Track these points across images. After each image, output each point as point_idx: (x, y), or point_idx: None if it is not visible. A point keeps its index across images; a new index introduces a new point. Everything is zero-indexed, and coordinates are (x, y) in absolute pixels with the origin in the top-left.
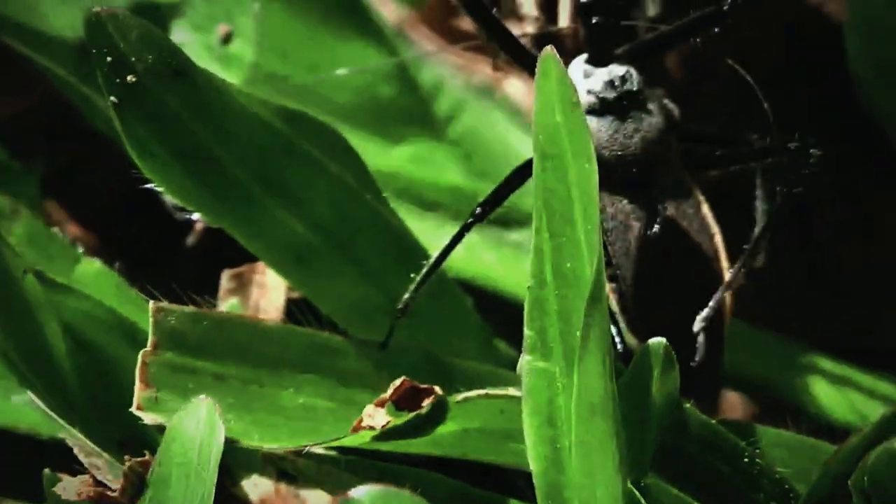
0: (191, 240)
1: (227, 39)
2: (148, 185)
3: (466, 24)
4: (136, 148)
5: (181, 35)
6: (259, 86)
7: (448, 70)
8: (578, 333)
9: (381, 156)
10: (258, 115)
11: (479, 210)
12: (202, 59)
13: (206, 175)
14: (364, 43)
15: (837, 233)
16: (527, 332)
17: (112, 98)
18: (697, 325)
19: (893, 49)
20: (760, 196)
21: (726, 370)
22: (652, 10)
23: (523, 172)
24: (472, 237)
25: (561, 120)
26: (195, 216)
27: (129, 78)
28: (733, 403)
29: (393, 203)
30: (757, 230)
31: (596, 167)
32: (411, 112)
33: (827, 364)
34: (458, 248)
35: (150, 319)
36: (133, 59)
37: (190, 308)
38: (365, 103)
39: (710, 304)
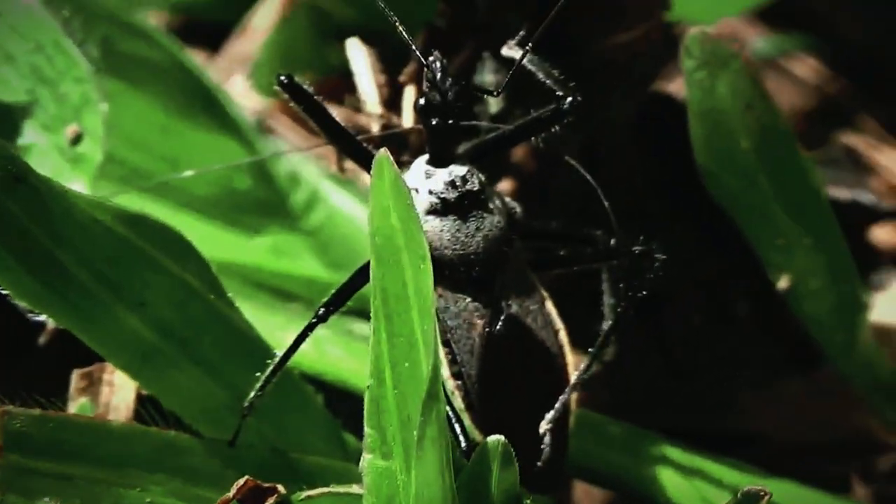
0: (43, 339)
1: (76, 140)
2: None
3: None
4: None
5: (32, 136)
6: (114, 180)
7: (306, 161)
8: (416, 432)
9: (240, 248)
10: (99, 220)
11: (322, 310)
12: (53, 159)
13: (49, 279)
14: (220, 135)
15: (688, 319)
16: (367, 430)
17: None
18: (543, 427)
19: (736, 140)
20: (607, 291)
21: (577, 461)
22: (494, 106)
23: (365, 272)
24: (320, 331)
25: (396, 223)
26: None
27: None
28: (584, 495)
29: (253, 295)
30: (603, 329)
31: (431, 269)
32: (269, 203)
33: (676, 453)
34: (307, 343)
35: None
36: None
37: (36, 411)
38: (223, 195)
39: (556, 405)
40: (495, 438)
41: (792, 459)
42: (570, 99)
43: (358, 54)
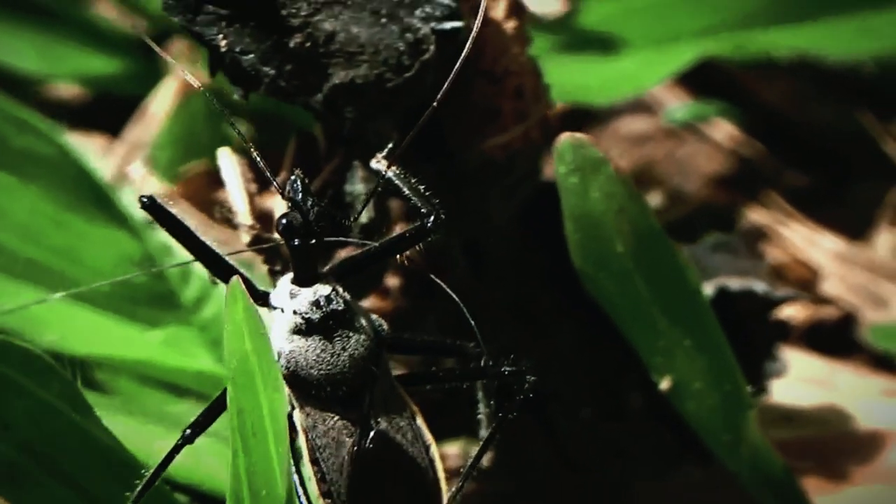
0: None
1: None
2: None
3: (227, 196)
4: None
5: None
6: (7, 273)
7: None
8: None
9: (134, 341)
10: None
11: (188, 431)
12: None
13: None
14: (112, 228)
15: (577, 413)
16: None
17: None
18: None
19: (611, 243)
20: (481, 400)
21: None
22: (364, 216)
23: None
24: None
25: (250, 347)
26: None
27: None
28: None
29: (147, 390)
30: (475, 451)
31: (284, 396)
32: (162, 297)
33: None
34: (183, 453)
35: None
36: None
37: None
38: (117, 288)
39: None
40: None
41: None
42: (433, 217)
43: (228, 164)
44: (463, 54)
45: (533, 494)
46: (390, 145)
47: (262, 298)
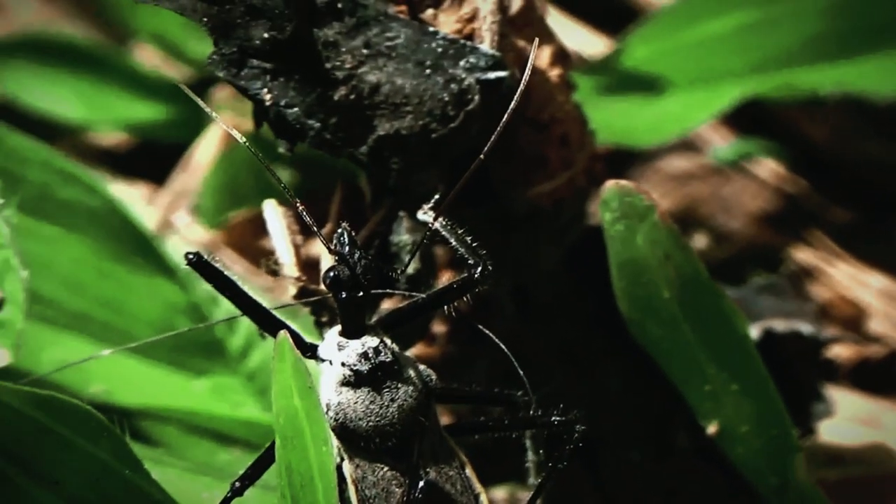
0: None
1: None
2: None
3: (273, 247)
4: None
5: None
6: (53, 324)
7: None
8: None
9: (182, 391)
10: (8, 403)
11: (237, 484)
12: None
13: None
14: (157, 278)
15: (625, 455)
16: None
17: None
18: None
19: (658, 290)
20: (530, 448)
21: None
22: (411, 267)
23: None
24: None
25: (299, 404)
26: None
27: None
28: None
29: (194, 439)
30: (522, 496)
31: (332, 451)
32: (208, 346)
33: None
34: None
35: None
36: None
37: None
38: (163, 338)
39: None
40: None
41: None
42: (480, 268)
43: (273, 216)
44: (512, 105)
45: None
46: (437, 196)
47: (309, 350)
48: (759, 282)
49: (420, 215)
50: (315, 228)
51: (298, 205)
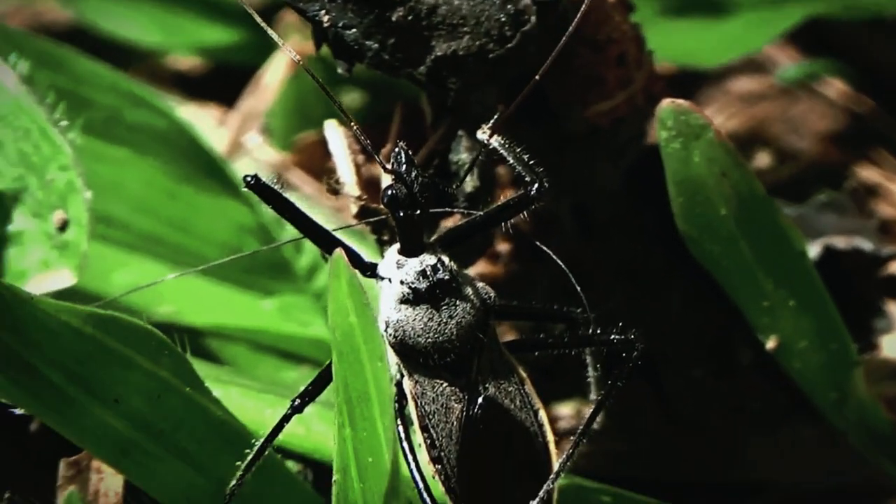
0: (34, 426)
1: (62, 227)
2: None
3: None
4: None
5: (22, 222)
6: (122, 245)
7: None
8: None
9: (250, 310)
10: (66, 323)
11: (297, 401)
12: (42, 246)
13: (21, 380)
14: (226, 199)
15: (687, 372)
16: None
17: None
18: None
19: (715, 208)
20: (590, 367)
21: None
22: (470, 185)
23: None
24: (308, 409)
25: (354, 321)
26: None
27: None
28: None
29: (261, 358)
30: (586, 412)
31: (387, 367)
32: (276, 266)
33: None
34: (294, 422)
35: None
36: None
37: None
38: (233, 259)
39: (540, 493)
40: None
41: None
42: (537, 185)
43: (334, 136)
44: (571, 27)
45: (644, 453)
46: (496, 115)
47: (370, 269)
48: (821, 199)
49: (479, 134)
50: (371, 149)
51: (354, 126)
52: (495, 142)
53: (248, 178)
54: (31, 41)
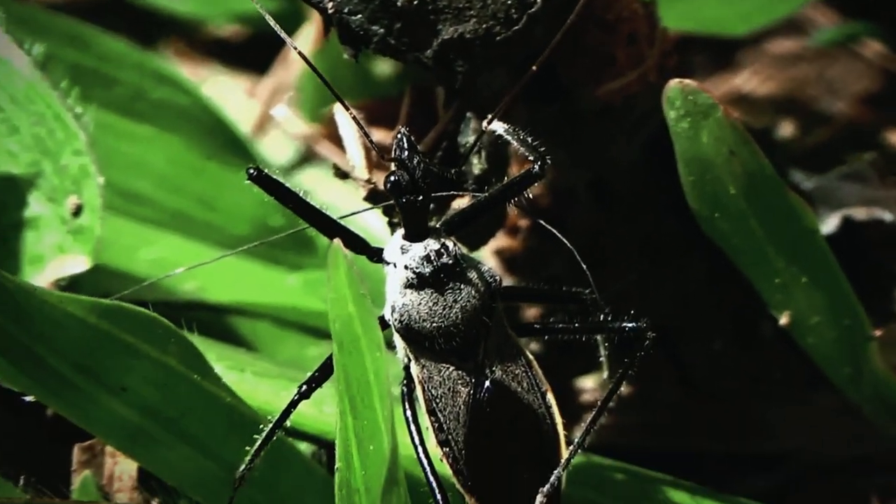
0: (49, 411)
1: (77, 212)
2: None
3: (374, 136)
4: None
5: (37, 207)
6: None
7: (336, 196)
8: None
9: (275, 286)
10: (71, 313)
11: (304, 387)
12: (56, 231)
13: (30, 369)
14: None
15: (707, 344)
16: None
17: None
18: (539, 500)
19: (724, 186)
20: (601, 347)
21: None
22: (478, 168)
23: None
24: (319, 390)
25: (353, 310)
26: None
27: None
28: None
29: (286, 334)
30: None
31: (385, 356)
32: (302, 242)
33: (683, 497)
34: (306, 402)
35: None
36: None
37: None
38: (258, 234)
39: (552, 479)
40: None
41: (822, 477)
42: (539, 163)
43: (344, 119)
44: (577, 8)
45: (666, 425)
46: (500, 104)
47: (376, 254)
48: (843, 170)
49: (483, 124)
50: (367, 135)
51: (352, 112)
52: (499, 128)
53: (251, 171)
54: (54, 20)
